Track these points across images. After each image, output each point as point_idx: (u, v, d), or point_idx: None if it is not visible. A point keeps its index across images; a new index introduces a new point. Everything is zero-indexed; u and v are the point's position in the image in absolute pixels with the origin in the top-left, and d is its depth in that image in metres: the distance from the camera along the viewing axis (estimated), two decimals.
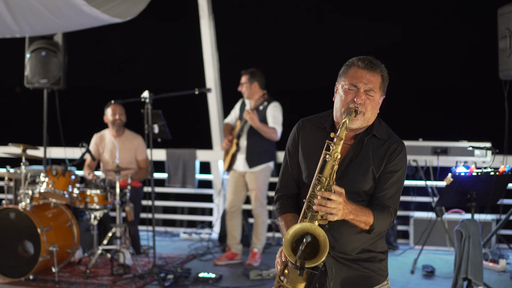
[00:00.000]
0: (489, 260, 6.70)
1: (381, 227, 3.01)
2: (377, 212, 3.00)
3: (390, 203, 3.05)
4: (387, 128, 3.15)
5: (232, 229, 7.15)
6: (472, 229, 5.46)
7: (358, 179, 3.02)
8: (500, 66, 6.79)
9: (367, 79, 2.99)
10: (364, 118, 2.99)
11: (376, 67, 3.02)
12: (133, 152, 7.47)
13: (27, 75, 7.39)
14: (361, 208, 2.93)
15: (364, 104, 2.98)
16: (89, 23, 6.85)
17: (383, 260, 3.15)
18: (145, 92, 6.40)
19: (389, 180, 3.04)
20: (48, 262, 6.22)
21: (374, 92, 3.00)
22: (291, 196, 3.23)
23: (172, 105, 9.23)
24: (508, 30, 6.57)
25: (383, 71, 3.05)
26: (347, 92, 3.00)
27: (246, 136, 6.98)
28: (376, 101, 3.02)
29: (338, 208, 2.81)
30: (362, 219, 2.93)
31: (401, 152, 3.06)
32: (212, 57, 8.29)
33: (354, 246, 3.06)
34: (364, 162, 3.03)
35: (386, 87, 3.09)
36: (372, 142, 3.07)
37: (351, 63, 3.05)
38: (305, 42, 13.69)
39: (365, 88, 2.98)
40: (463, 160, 6.90)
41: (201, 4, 8.20)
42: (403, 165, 3.08)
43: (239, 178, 7.12)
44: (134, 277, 6.25)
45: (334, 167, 2.88)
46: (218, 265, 7.00)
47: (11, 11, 6.33)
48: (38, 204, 6.51)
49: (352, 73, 3.01)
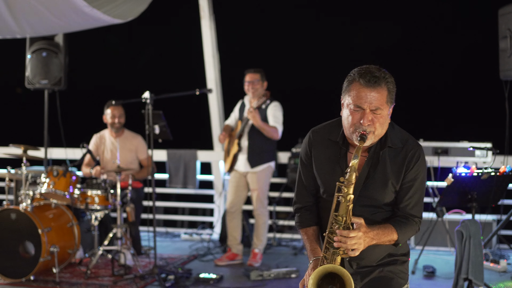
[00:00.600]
0: (489, 261, 6.70)
1: (407, 238, 3.04)
2: (401, 226, 2.99)
3: (414, 212, 3.03)
4: (401, 133, 3.06)
5: (232, 229, 7.15)
6: (473, 230, 5.46)
7: (377, 193, 2.98)
8: (501, 66, 6.80)
9: (371, 97, 2.86)
10: (374, 135, 2.93)
11: (380, 81, 2.87)
12: (133, 152, 7.47)
13: (28, 76, 7.39)
14: (382, 231, 2.92)
15: (373, 124, 2.89)
16: (90, 24, 6.85)
17: (405, 263, 3.13)
18: (146, 92, 6.40)
19: (410, 189, 3.01)
20: (49, 262, 6.23)
21: (381, 109, 2.89)
22: (308, 207, 3.20)
23: (173, 105, 9.22)
24: (509, 30, 6.57)
25: (388, 83, 2.90)
26: (353, 113, 2.90)
27: (248, 136, 6.99)
28: (385, 116, 2.92)
29: (359, 243, 2.82)
30: (386, 239, 2.95)
31: (419, 158, 3.01)
32: (213, 58, 8.30)
33: (377, 257, 3.06)
34: (382, 175, 2.98)
35: (394, 94, 2.97)
36: (388, 153, 3.00)
37: (353, 79, 2.91)
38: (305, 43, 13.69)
39: (370, 108, 2.87)
40: (463, 160, 6.90)
41: (202, 5, 8.21)
42: (423, 170, 3.03)
43: (240, 179, 7.13)
44: (135, 277, 6.25)
45: (349, 207, 2.85)
46: (219, 265, 7.00)
47: (12, 12, 6.34)
48: (39, 205, 6.51)
49: (355, 93, 2.88)
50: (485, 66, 10.38)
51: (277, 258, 7.36)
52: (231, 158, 7.11)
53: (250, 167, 7.01)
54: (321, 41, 13.24)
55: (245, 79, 7.06)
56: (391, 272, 3.07)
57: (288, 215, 8.48)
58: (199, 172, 8.66)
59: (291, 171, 7.81)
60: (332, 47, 12.84)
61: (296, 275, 6.47)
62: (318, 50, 13.26)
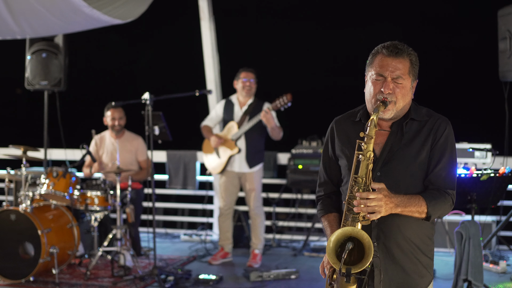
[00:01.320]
0: (489, 262, 6.70)
1: (440, 211, 2.89)
2: (431, 197, 2.86)
3: (446, 184, 2.91)
4: (428, 110, 3.02)
5: (226, 230, 7.23)
6: (472, 231, 5.46)
7: (402, 168, 2.90)
8: (500, 67, 6.80)
9: (393, 66, 2.88)
10: (395, 107, 2.89)
11: (402, 52, 2.90)
12: (133, 154, 7.47)
13: (27, 77, 7.39)
14: (409, 198, 2.81)
15: (394, 93, 2.87)
16: (90, 25, 6.86)
17: (430, 268, 3.03)
18: (146, 93, 6.40)
19: (441, 160, 2.91)
20: (49, 263, 6.23)
21: (402, 79, 2.88)
22: (330, 195, 3.14)
23: (172, 106, 9.23)
24: (508, 31, 6.58)
25: (411, 55, 2.93)
26: (375, 82, 2.90)
27: (244, 137, 7.01)
28: (407, 88, 2.91)
29: (379, 205, 2.71)
30: (413, 209, 2.81)
31: (446, 127, 2.94)
32: (212, 59, 8.30)
33: (405, 235, 2.91)
34: (406, 149, 2.91)
35: (417, 70, 2.97)
36: (412, 127, 2.94)
37: (376, 52, 2.94)
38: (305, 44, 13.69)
39: (392, 76, 2.87)
40: (463, 161, 6.90)
41: (202, 6, 8.21)
42: (451, 141, 2.94)
43: (233, 179, 7.16)
44: (135, 278, 6.25)
45: (369, 166, 2.78)
46: (213, 264, 7.05)
47: (12, 12, 6.34)
48: (39, 206, 6.51)
49: (378, 62, 2.90)
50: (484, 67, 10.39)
51: (277, 259, 7.36)
52: (225, 160, 7.11)
53: (249, 167, 7.02)
54: (320, 42, 13.25)
55: (240, 76, 7.07)
56: (417, 275, 2.97)
57: (288, 216, 8.48)
58: (199, 173, 8.66)
59: (291, 172, 7.82)
60: (331, 48, 12.85)
61: (295, 276, 6.47)
62: (318, 51, 13.27)
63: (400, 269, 2.93)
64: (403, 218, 2.88)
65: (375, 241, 2.88)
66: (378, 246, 2.90)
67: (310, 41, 13.60)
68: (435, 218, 2.91)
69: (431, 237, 3.02)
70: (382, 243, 2.91)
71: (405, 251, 2.93)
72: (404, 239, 2.92)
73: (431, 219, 2.89)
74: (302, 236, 8.20)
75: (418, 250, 2.95)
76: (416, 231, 2.94)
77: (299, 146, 7.90)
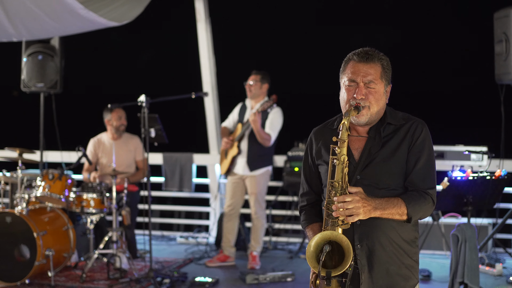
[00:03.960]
0: (485, 264, 6.70)
1: (421, 213, 2.90)
2: (410, 198, 2.87)
3: (424, 184, 2.91)
4: (404, 114, 3.04)
5: (227, 231, 7.16)
6: (469, 233, 5.46)
7: (381, 171, 2.92)
8: (496, 70, 6.81)
9: (364, 71, 2.91)
10: (370, 112, 2.92)
11: (373, 57, 2.94)
12: (132, 153, 7.45)
13: (23, 79, 7.38)
14: (387, 201, 2.83)
15: (367, 98, 2.90)
16: (86, 27, 6.85)
17: (415, 271, 3.02)
18: (142, 96, 6.40)
19: (419, 161, 2.93)
20: (44, 266, 6.21)
21: (374, 83, 2.92)
22: (313, 205, 3.17)
23: (169, 109, 9.23)
24: (505, 34, 6.59)
25: (383, 60, 2.96)
26: (348, 89, 2.94)
27: (248, 140, 6.99)
28: (380, 92, 2.94)
29: (357, 207, 2.74)
30: (393, 211, 2.83)
31: (422, 129, 2.96)
32: (209, 61, 8.29)
33: (388, 237, 2.92)
34: (384, 153, 2.93)
35: (390, 75, 3.00)
36: (390, 130, 2.97)
37: (348, 59, 2.99)
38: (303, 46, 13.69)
39: (364, 81, 2.91)
40: (459, 164, 6.89)
41: (198, 8, 8.21)
42: (428, 142, 2.96)
43: (238, 182, 7.13)
44: (131, 281, 6.24)
45: (344, 170, 2.82)
46: (210, 267, 7.02)
47: (8, 15, 6.33)
48: (34, 208, 6.50)
49: (350, 68, 2.95)
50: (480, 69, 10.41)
51: (273, 261, 7.35)
52: (229, 161, 7.11)
53: (249, 170, 7.01)
54: (319, 45, 13.25)
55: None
56: (402, 277, 2.97)
57: (284, 218, 8.48)
58: (195, 175, 8.66)
59: (287, 175, 7.81)
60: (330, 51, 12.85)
61: (291, 279, 6.47)
62: (316, 54, 13.28)
63: (384, 272, 2.94)
64: (385, 220, 2.89)
65: (359, 244, 2.91)
66: (362, 248, 2.92)
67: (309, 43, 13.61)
68: (416, 219, 2.93)
69: (415, 240, 3.03)
70: (365, 245, 2.92)
71: (389, 253, 2.93)
72: (387, 241, 2.93)
73: (413, 220, 2.91)
74: (298, 239, 8.19)
75: (402, 252, 2.96)
76: (399, 233, 2.95)
77: (295, 148, 7.90)
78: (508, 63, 6.57)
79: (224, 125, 7.34)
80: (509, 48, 6.54)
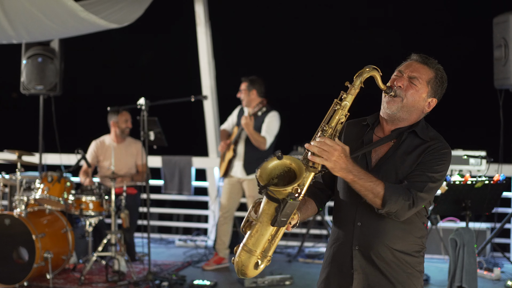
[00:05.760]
0: (483, 269, 6.71)
1: (396, 205, 2.69)
2: (393, 186, 2.71)
3: (414, 185, 2.75)
4: (436, 134, 2.90)
5: (222, 234, 7.18)
6: (467, 238, 5.47)
7: (390, 174, 2.81)
8: (495, 75, 6.84)
9: (414, 67, 2.86)
10: (402, 104, 2.83)
11: (430, 63, 2.88)
12: (134, 157, 7.46)
13: (23, 81, 7.38)
14: (366, 174, 2.67)
15: (404, 89, 2.83)
16: (86, 29, 6.86)
17: (417, 282, 2.95)
18: (141, 99, 6.41)
19: (418, 168, 2.79)
20: (43, 268, 6.21)
21: (418, 81, 2.84)
22: (316, 187, 3.00)
23: (168, 112, 9.23)
24: (504, 39, 6.61)
25: (438, 70, 2.89)
26: (393, 78, 2.89)
27: (244, 143, 6.99)
28: (419, 93, 2.84)
29: (330, 153, 2.58)
30: (366, 185, 2.65)
31: (442, 149, 2.82)
32: (208, 65, 8.30)
33: (387, 247, 2.83)
34: (399, 157, 2.83)
35: (440, 90, 2.92)
36: (413, 141, 2.85)
37: (408, 58, 2.95)
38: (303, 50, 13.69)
39: (409, 74, 2.85)
40: (458, 168, 6.91)
41: (198, 12, 8.22)
42: (442, 161, 2.80)
43: (235, 185, 7.14)
44: (129, 284, 6.24)
45: (341, 119, 2.70)
46: (206, 270, 7.03)
47: (8, 17, 6.34)
48: (33, 211, 6.50)
49: (404, 64, 2.90)
50: (480, 74, 10.42)
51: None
52: (226, 163, 7.12)
53: (246, 174, 7.01)
54: (319, 48, 13.25)
55: None
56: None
57: None
58: (194, 179, 8.66)
59: None
60: (330, 54, 12.86)
61: (290, 282, 6.47)
62: (316, 57, 13.27)
63: (381, 277, 2.85)
64: (388, 228, 2.81)
65: (357, 246, 2.85)
66: (359, 251, 2.85)
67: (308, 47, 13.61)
68: (390, 210, 2.69)
69: (420, 250, 2.95)
70: (363, 248, 2.85)
71: (389, 262, 2.85)
72: (388, 251, 2.84)
73: (385, 209, 2.69)
74: (296, 242, 8.19)
75: (404, 262, 2.87)
76: (402, 244, 2.86)
77: (294, 152, 7.90)
78: (507, 68, 6.59)
79: (223, 127, 7.35)
80: (508, 53, 6.57)
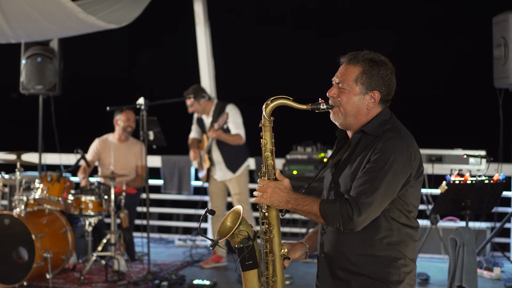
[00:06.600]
0: (483, 268, 6.70)
1: (334, 218, 2.69)
2: (327, 200, 2.78)
3: (357, 191, 2.70)
4: (391, 126, 2.82)
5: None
6: (467, 237, 5.47)
7: (346, 179, 2.81)
8: (495, 74, 6.83)
9: (340, 71, 2.87)
10: (341, 112, 2.85)
11: (355, 60, 2.84)
12: (136, 157, 7.45)
13: (22, 81, 7.38)
14: (303, 198, 2.76)
15: (337, 98, 2.85)
16: (85, 29, 6.86)
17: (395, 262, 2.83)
18: (141, 98, 6.41)
19: (362, 171, 2.74)
20: (43, 268, 6.21)
21: (345, 84, 2.82)
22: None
23: (167, 111, 9.23)
24: (503, 38, 6.61)
25: (366, 64, 2.82)
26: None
27: (218, 148, 7.05)
28: (351, 95, 2.81)
29: (264, 191, 2.78)
30: (305, 209, 2.75)
31: (386, 142, 2.73)
32: (207, 64, 8.30)
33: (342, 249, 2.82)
34: (351, 161, 2.82)
35: (378, 79, 2.82)
36: (366, 140, 2.81)
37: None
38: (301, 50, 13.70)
39: (336, 81, 2.88)
40: (457, 168, 6.91)
41: (197, 12, 8.22)
42: (385, 153, 2.70)
43: (218, 185, 7.25)
44: (129, 283, 6.24)
45: (267, 157, 2.88)
46: (204, 268, 7.06)
47: (6, 18, 6.33)
48: (33, 210, 6.49)
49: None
50: (479, 74, 10.42)
51: None
52: (205, 172, 7.21)
53: (233, 173, 7.06)
54: (317, 49, 13.26)
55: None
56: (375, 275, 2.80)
57: (282, 222, 8.46)
58: (194, 178, 8.66)
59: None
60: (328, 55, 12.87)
61: (289, 282, 6.47)
62: (314, 58, 13.28)
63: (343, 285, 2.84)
64: (342, 233, 2.79)
65: (322, 254, 2.93)
66: (325, 258, 2.92)
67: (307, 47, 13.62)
68: (333, 225, 2.72)
69: (394, 257, 2.81)
70: (327, 256, 2.90)
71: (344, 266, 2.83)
72: (343, 255, 2.83)
73: (330, 226, 2.74)
74: None
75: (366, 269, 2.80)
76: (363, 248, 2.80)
77: (293, 151, 7.89)
78: (507, 68, 6.59)
79: (191, 136, 7.38)
80: (507, 52, 6.56)
